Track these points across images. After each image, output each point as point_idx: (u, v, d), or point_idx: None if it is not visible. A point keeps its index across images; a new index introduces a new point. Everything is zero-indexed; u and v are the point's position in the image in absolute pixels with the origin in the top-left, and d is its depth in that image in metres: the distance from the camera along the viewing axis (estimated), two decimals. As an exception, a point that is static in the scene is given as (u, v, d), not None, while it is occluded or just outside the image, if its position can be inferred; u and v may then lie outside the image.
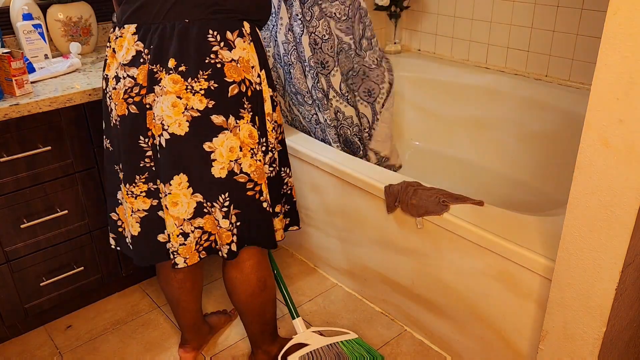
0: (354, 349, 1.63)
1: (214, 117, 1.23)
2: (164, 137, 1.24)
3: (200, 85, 1.22)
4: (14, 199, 1.59)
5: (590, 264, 1.13)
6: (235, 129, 1.25)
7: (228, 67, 1.23)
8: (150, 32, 1.24)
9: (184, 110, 1.22)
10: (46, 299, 1.76)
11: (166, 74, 1.22)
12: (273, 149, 1.35)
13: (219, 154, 1.25)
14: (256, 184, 1.31)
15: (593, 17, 2.12)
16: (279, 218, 1.46)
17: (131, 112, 1.27)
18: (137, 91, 1.26)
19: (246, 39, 1.27)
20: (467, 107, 2.53)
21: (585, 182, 1.08)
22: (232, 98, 1.24)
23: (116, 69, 1.28)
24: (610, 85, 0.99)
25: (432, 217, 1.53)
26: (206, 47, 1.22)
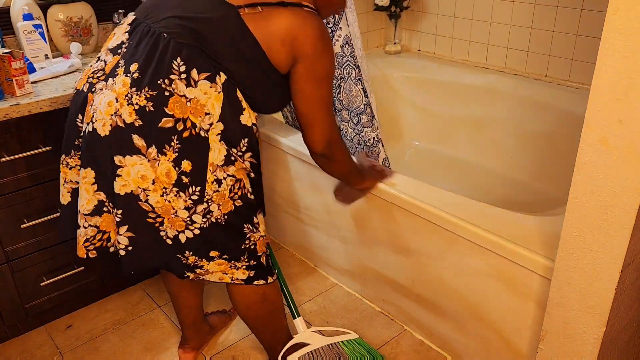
0: (354, 349, 1.63)
1: (135, 137, 1.17)
2: (88, 128, 1.21)
3: (138, 99, 1.17)
4: (14, 199, 1.59)
5: (590, 264, 1.13)
6: (154, 162, 1.18)
7: (174, 100, 1.17)
8: (139, 28, 1.24)
9: (113, 114, 1.18)
10: (46, 298, 1.76)
11: (123, 74, 1.20)
12: (210, 200, 1.23)
13: (125, 172, 1.19)
14: (158, 216, 1.22)
15: (593, 17, 2.12)
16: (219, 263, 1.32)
17: (83, 90, 1.26)
18: (98, 75, 1.25)
19: (216, 87, 1.20)
20: (467, 107, 2.53)
21: (585, 182, 1.08)
22: (160, 129, 1.17)
23: (105, 52, 1.29)
24: (610, 85, 0.99)
25: (432, 216, 1.54)
26: (166, 70, 1.17)
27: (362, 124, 1.95)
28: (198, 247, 1.28)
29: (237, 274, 1.36)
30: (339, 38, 1.87)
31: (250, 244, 1.34)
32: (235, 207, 1.28)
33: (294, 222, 2.12)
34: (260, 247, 1.37)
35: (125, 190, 1.20)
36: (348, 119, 1.99)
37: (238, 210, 1.29)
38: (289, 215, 2.13)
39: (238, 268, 1.35)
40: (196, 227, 1.25)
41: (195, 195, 1.22)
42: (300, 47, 1.23)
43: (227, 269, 1.34)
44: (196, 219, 1.24)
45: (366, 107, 1.93)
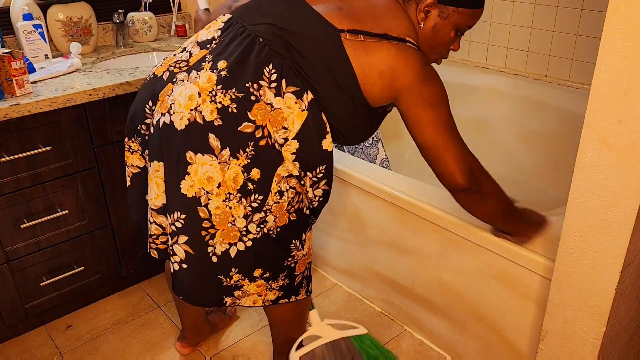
0: (363, 343, 1.65)
1: (212, 136, 1.13)
2: (164, 120, 1.17)
3: (222, 99, 1.13)
4: (14, 199, 1.59)
5: (590, 264, 1.13)
6: (224, 165, 1.14)
7: (259, 106, 1.13)
8: (232, 27, 1.20)
9: (193, 109, 1.14)
10: (46, 299, 1.76)
11: (210, 69, 1.16)
12: (268, 211, 1.19)
13: (194, 170, 1.15)
14: (212, 227, 1.18)
15: (593, 17, 2.12)
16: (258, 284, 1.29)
17: (162, 77, 1.22)
18: (181, 65, 1.21)
19: (301, 104, 1.15)
20: (467, 107, 2.52)
21: (585, 182, 1.08)
22: (239, 133, 1.13)
23: (191, 42, 1.26)
24: (610, 85, 0.99)
25: (432, 216, 1.54)
26: (256, 75, 1.14)
27: None
28: (245, 262, 1.23)
29: (269, 296, 1.32)
30: None
31: (292, 262, 1.30)
32: (289, 221, 1.24)
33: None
34: (299, 266, 1.32)
35: (191, 193, 1.16)
36: None
37: (292, 224, 1.24)
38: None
39: (272, 289, 1.31)
40: (249, 239, 1.21)
41: (256, 203, 1.18)
42: (401, 79, 1.17)
43: (262, 291, 1.30)
44: (251, 229, 1.19)
45: None
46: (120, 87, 1.66)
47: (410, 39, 1.21)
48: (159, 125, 1.18)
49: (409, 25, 1.23)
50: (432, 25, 1.24)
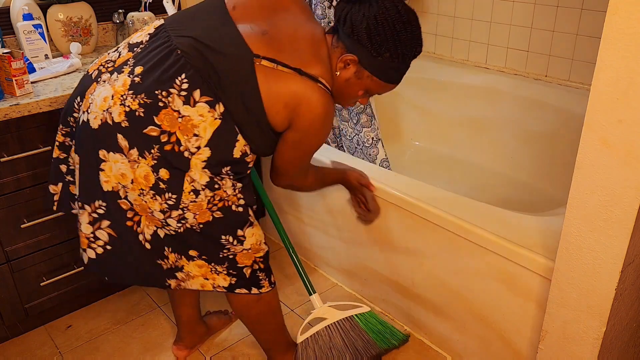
0: (367, 321, 1.66)
1: (120, 136, 1.18)
2: (84, 118, 1.23)
3: (131, 103, 1.17)
4: (14, 199, 1.59)
5: (590, 264, 1.13)
6: (134, 163, 1.18)
7: (166, 112, 1.17)
8: (158, 36, 1.25)
9: (105, 110, 1.19)
10: (46, 299, 1.76)
11: (127, 73, 1.20)
12: (185, 209, 1.22)
13: (108, 167, 1.20)
14: (136, 214, 1.24)
15: (593, 17, 2.12)
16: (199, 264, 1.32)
17: (91, 75, 1.27)
18: (108, 65, 1.26)
19: (214, 113, 1.19)
20: (467, 107, 2.52)
21: (585, 182, 1.08)
22: (144, 134, 1.17)
23: (125, 44, 1.29)
24: (610, 85, 0.99)
25: (432, 216, 1.54)
26: (167, 83, 1.18)
27: (361, 123, 1.95)
28: (176, 244, 1.28)
29: (218, 280, 1.34)
30: None
31: (229, 254, 1.32)
32: (213, 218, 1.26)
33: (295, 222, 2.12)
34: (241, 259, 1.33)
35: (108, 187, 1.22)
36: (348, 118, 1.99)
37: (217, 221, 1.26)
38: (289, 215, 2.13)
39: (219, 273, 1.33)
40: (171, 230, 1.26)
41: (171, 201, 1.21)
42: (299, 118, 1.24)
43: (207, 274, 1.32)
44: (171, 223, 1.25)
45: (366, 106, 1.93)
46: (120, 87, 1.66)
47: (323, 80, 1.25)
48: (79, 122, 1.25)
49: (327, 68, 1.27)
50: (346, 78, 1.28)
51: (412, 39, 1.25)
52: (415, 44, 1.26)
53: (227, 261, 1.33)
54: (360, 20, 1.22)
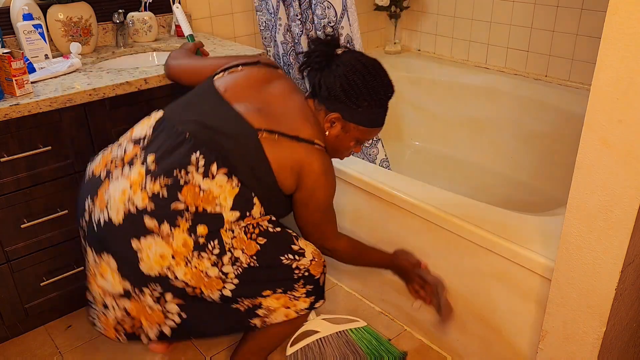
0: (362, 336, 1.66)
1: (146, 218, 1.22)
2: (104, 217, 1.26)
3: (152, 186, 1.23)
4: (14, 199, 1.59)
5: (590, 264, 1.13)
6: (168, 237, 1.22)
7: (188, 187, 1.24)
8: (163, 125, 1.32)
9: (126, 202, 1.24)
10: (46, 299, 1.76)
11: (140, 164, 1.27)
12: (232, 248, 1.27)
13: (145, 256, 1.24)
14: (194, 288, 1.28)
15: (593, 17, 2.12)
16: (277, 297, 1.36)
17: (100, 176, 1.33)
18: (117, 163, 1.32)
19: (231, 183, 1.27)
20: (467, 107, 2.53)
21: (585, 182, 1.08)
22: (172, 210, 1.23)
23: (126, 138, 1.37)
24: (610, 85, 0.99)
25: (432, 216, 1.54)
26: (183, 162, 1.25)
27: None
28: (246, 292, 1.32)
29: (299, 305, 1.38)
30: (340, 37, 1.87)
31: (303, 271, 1.37)
32: (260, 246, 1.31)
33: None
34: (315, 270, 1.39)
35: (154, 273, 1.25)
36: None
37: (266, 247, 1.32)
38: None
39: (298, 298, 1.37)
40: (232, 278, 1.29)
41: (217, 249, 1.26)
42: (304, 179, 1.34)
43: (287, 302, 1.37)
44: (227, 270, 1.28)
45: None
46: (120, 87, 1.66)
47: (317, 142, 1.35)
48: (100, 223, 1.27)
49: (318, 129, 1.37)
50: (335, 134, 1.39)
51: (382, 85, 1.36)
52: (387, 87, 1.37)
53: (304, 279, 1.37)
54: (333, 81, 1.33)
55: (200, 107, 1.34)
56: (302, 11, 1.92)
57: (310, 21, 1.94)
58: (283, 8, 1.94)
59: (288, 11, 1.95)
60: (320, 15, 1.89)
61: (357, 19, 1.87)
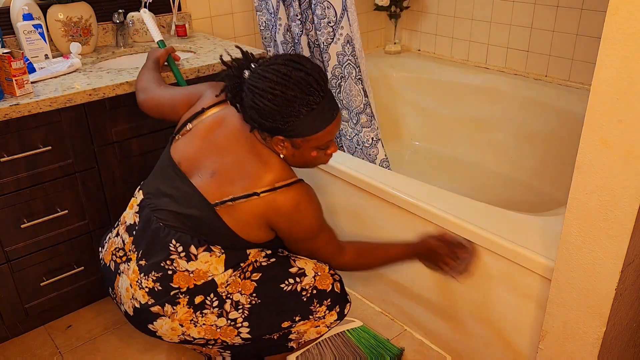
0: (360, 336, 1.66)
1: (151, 308, 1.32)
2: (122, 308, 1.40)
3: (147, 283, 1.31)
4: (14, 199, 1.59)
5: (590, 264, 1.13)
6: (173, 315, 1.31)
7: (179, 275, 1.30)
8: (144, 213, 1.36)
9: (132, 298, 1.34)
10: (46, 299, 1.76)
11: (135, 261, 1.35)
12: (229, 294, 1.31)
13: (161, 333, 1.34)
14: (216, 340, 1.35)
15: (593, 17, 2.12)
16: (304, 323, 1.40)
17: (111, 267, 1.42)
18: (120, 255, 1.40)
19: (214, 254, 1.30)
20: (467, 107, 2.53)
21: (585, 182, 1.08)
22: (170, 295, 1.31)
23: (120, 224, 1.44)
24: (610, 85, 0.99)
25: (433, 217, 1.54)
26: (165, 253, 1.30)
27: (361, 123, 1.95)
28: (263, 329, 1.35)
29: (328, 320, 1.42)
30: (340, 37, 1.88)
31: (310, 291, 1.37)
32: (257, 282, 1.33)
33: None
34: (321, 284, 1.38)
35: (176, 340, 1.35)
36: (348, 118, 1.99)
37: (262, 282, 1.34)
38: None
39: (323, 317, 1.40)
40: (242, 322, 1.33)
41: (215, 301, 1.31)
42: (277, 225, 1.30)
43: (314, 323, 1.41)
44: (234, 316, 1.32)
45: (366, 106, 1.93)
46: (120, 87, 1.66)
47: (278, 184, 1.27)
48: (122, 310, 1.41)
49: (279, 163, 1.29)
50: (291, 153, 1.29)
51: (302, 87, 1.20)
52: (308, 86, 1.20)
53: (316, 297, 1.37)
54: (251, 112, 1.23)
55: (167, 186, 1.37)
56: (302, 11, 1.92)
57: (310, 21, 1.94)
58: (283, 8, 1.94)
59: (288, 11, 1.95)
60: (320, 15, 1.89)
61: (357, 19, 1.87)
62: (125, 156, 1.76)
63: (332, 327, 1.44)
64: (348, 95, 1.93)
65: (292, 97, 1.19)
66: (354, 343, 1.64)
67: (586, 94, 1.05)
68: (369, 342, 1.65)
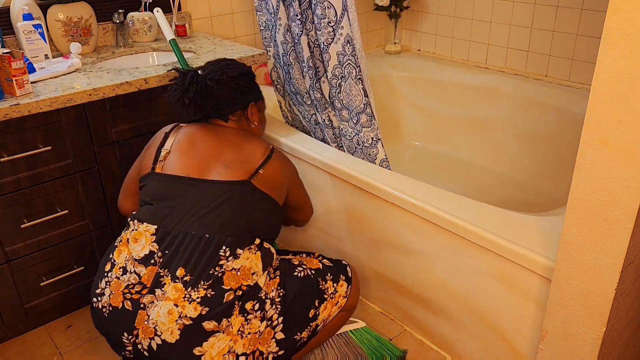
0: (362, 337, 1.66)
1: (205, 323, 1.27)
2: (156, 342, 1.27)
3: (198, 294, 1.28)
4: (14, 199, 1.59)
5: (590, 264, 1.13)
6: (228, 328, 1.29)
7: (228, 275, 1.32)
8: (169, 236, 1.34)
9: (178, 319, 1.26)
10: (46, 298, 1.76)
11: (171, 281, 1.30)
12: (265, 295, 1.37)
13: (208, 356, 1.27)
14: (254, 353, 1.33)
15: (593, 17, 2.12)
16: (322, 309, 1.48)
17: (125, 307, 1.31)
18: (138, 289, 1.32)
19: (252, 250, 1.37)
20: (467, 107, 2.53)
21: (585, 182, 1.08)
22: (226, 303, 1.29)
23: (126, 261, 1.36)
24: (610, 85, 0.99)
25: (432, 216, 1.54)
26: (215, 261, 1.32)
27: (361, 123, 1.95)
28: (293, 323, 1.40)
29: (340, 292, 1.52)
30: (340, 37, 1.87)
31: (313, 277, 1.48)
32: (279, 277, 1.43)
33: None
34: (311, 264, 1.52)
35: None
36: (348, 118, 1.99)
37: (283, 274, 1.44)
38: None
39: (335, 292, 1.51)
40: (277, 320, 1.37)
41: (257, 304, 1.34)
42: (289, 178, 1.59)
43: (331, 302, 1.50)
44: (270, 314, 1.36)
45: (366, 106, 1.93)
46: (120, 87, 1.66)
47: (270, 146, 1.53)
48: (152, 348, 1.28)
49: (256, 136, 1.58)
50: (259, 119, 1.64)
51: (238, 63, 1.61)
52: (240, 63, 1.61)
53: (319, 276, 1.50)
54: (226, 90, 1.51)
55: (186, 200, 1.38)
56: (302, 11, 1.92)
57: (310, 21, 1.93)
58: (283, 8, 1.94)
59: (288, 11, 1.95)
60: (320, 15, 1.89)
61: (357, 19, 1.87)
62: (125, 156, 1.76)
63: (348, 295, 1.54)
64: (348, 95, 1.93)
65: (247, 68, 1.61)
66: (356, 343, 1.64)
67: (586, 94, 1.05)
68: (371, 343, 1.65)
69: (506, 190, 2.35)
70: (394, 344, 1.70)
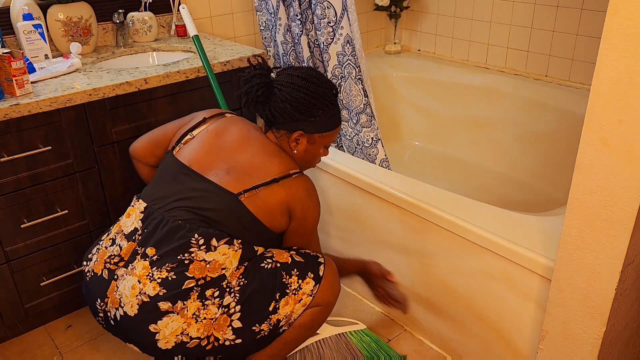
0: (362, 339, 1.66)
1: (160, 303, 1.29)
2: (119, 313, 1.32)
3: (160, 274, 1.30)
4: (14, 199, 1.59)
5: (590, 264, 1.13)
6: (182, 311, 1.29)
7: (195, 264, 1.31)
8: (151, 216, 1.37)
9: (138, 294, 1.30)
10: (46, 298, 1.76)
11: (141, 258, 1.33)
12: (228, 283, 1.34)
13: (162, 335, 1.30)
14: (207, 338, 1.32)
15: (593, 17, 2.12)
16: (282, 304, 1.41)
17: (103, 275, 1.36)
18: (116, 261, 1.36)
19: (233, 247, 1.34)
20: (467, 107, 2.53)
21: (585, 182, 1.08)
22: (183, 290, 1.30)
23: (116, 233, 1.41)
24: (610, 85, 0.99)
25: (433, 216, 1.54)
26: (184, 247, 1.31)
27: (361, 123, 1.95)
28: (252, 314, 1.35)
29: (305, 289, 1.42)
30: (340, 37, 1.88)
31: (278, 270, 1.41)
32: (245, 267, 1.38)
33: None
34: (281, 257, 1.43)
35: (171, 345, 1.30)
36: (348, 118, 1.99)
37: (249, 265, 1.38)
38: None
39: (299, 289, 1.41)
40: (233, 307, 1.33)
41: (217, 291, 1.32)
42: (294, 211, 1.42)
43: (295, 298, 1.41)
44: (227, 301, 1.33)
45: (366, 106, 1.93)
46: (120, 87, 1.66)
47: (292, 170, 1.43)
48: (117, 318, 1.33)
49: (287, 157, 1.46)
50: (303, 149, 1.48)
51: (326, 87, 1.44)
52: (331, 87, 1.45)
53: (283, 270, 1.41)
54: (283, 105, 1.40)
55: (178, 188, 1.40)
56: (302, 11, 1.92)
57: (310, 21, 1.94)
58: (283, 8, 1.94)
59: (288, 11, 1.95)
60: (320, 15, 1.89)
61: (357, 19, 1.87)
62: (125, 156, 1.76)
63: (314, 293, 1.43)
64: (348, 95, 1.93)
65: (322, 93, 1.42)
66: (354, 345, 1.64)
67: (586, 94, 1.05)
68: (370, 346, 1.65)
69: (506, 190, 2.35)
70: (394, 348, 1.70)
